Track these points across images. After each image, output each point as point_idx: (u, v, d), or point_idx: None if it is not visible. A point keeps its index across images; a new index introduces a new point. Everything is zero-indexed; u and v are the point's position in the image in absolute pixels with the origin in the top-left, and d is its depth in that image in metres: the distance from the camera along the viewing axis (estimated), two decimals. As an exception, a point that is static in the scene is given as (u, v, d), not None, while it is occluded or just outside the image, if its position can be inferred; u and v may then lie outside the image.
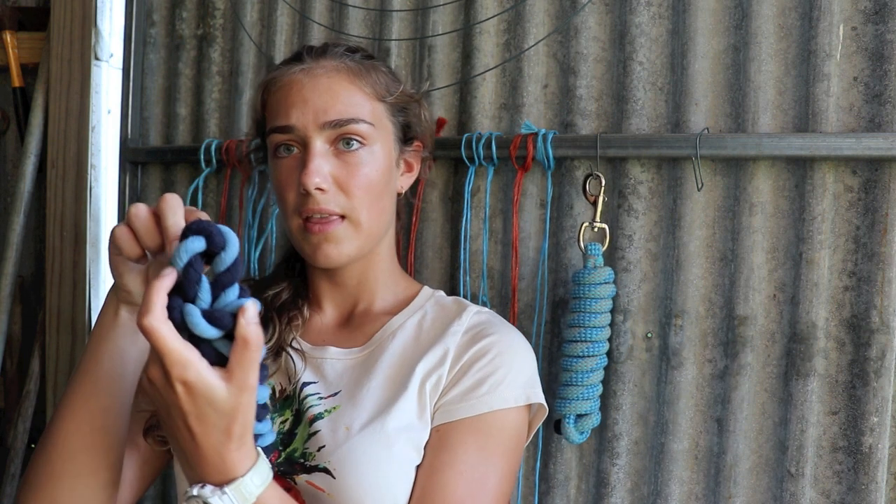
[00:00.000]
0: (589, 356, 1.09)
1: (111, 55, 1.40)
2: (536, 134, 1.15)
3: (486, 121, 1.25)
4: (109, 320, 0.83)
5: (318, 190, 0.95)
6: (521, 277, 1.21)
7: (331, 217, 0.97)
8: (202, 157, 1.40)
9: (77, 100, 1.42)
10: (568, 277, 1.19)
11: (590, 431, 1.13)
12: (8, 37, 1.55)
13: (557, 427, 1.13)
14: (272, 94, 1.01)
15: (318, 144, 0.97)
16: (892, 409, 1.03)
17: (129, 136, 1.51)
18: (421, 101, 1.09)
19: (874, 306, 1.03)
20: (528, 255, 1.21)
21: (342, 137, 0.97)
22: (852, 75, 1.05)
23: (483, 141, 1.19)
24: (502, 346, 0.97)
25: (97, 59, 1.39)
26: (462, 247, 1.23)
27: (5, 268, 1.52)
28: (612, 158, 1.16)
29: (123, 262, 0.79)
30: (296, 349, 1.01)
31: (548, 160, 1.15)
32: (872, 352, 1.03)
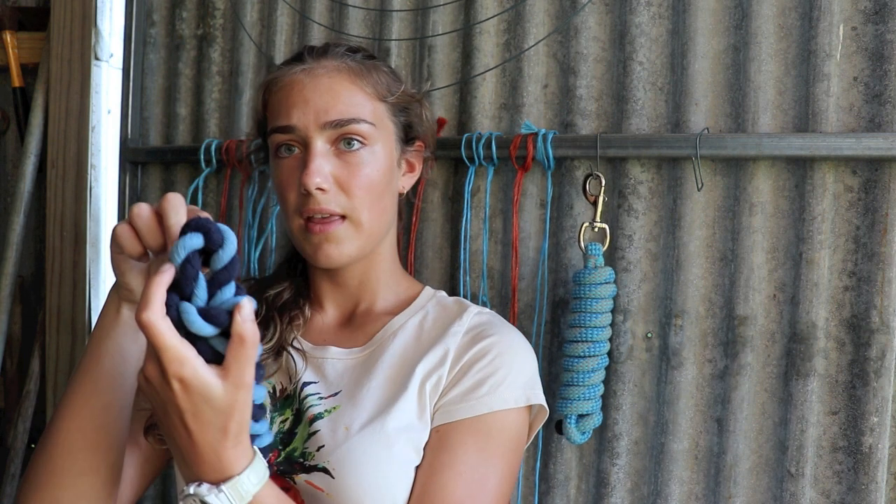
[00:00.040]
0: (590, 356, 1.09)
1: (111, 55, 1.40)
2: (536, 134, 1.16)
3: (486, 121, 1.25)
4: (111, 318, 0.83)
5: (319, 190, 0.95)
6: (521, 277, 1.21)
7: (332, 217, 0.97)
8: (202, 157, 1.40)
9: (77, 100, 1.41)
10: (568, 277, 1.19)
11: (591, 432, 1.13)
12: (8, 37, 1.55)
13: (559, 427, 1.13)
14: (273, 95, 1.01)
15: (319, 144, 0.97)
16: (892, 409, 1.03)
17: (129, 136, 1.51)
18: (422, 100, 1.09)
19: (874, 306, 1.03)
20: (528, 255, 1.21)
21: (343, 137, 0.97)
22: (852, 75, 1.05)
23: (483, 141, 1.19)
24: (503, 346, 0.97)
25: (97, 59, 1.38)
26: (462, 247, 1.23)
27: (5, 268, 1.52)
28: (612, 158, 1.16)
29: (125, 260, 0.79)
30: (297, 349, 1.01)
31: (548, 160, 1.16)
32: (872, 352, 1.03)
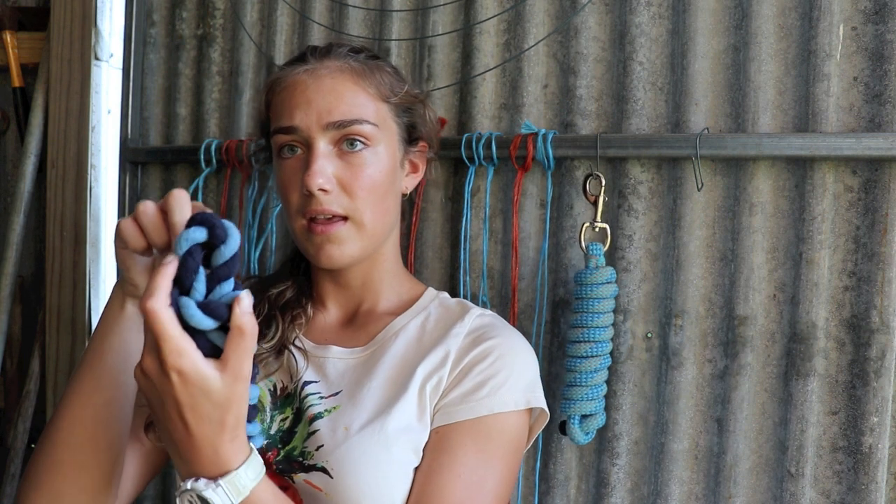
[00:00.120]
0: (593, 356, 1.09)
1: (111, 55, 1.40)
2: (536, 134, 1.16)
3: (486, 121, 1.25)
4: (115, 313, 0.83)
5: (322, 191, 0.95)
6: (521, 277, 1.21)
7: (334, 218, 0.97)
8: (202, 157, 1.40)
9: (77, 100, 1.41)
10: (568, 277, 1.19)
11: (595, 432, 1.13)
12: (8, 37, 1.55)
13: (562, 428, 1.13)
14: (276, 95, 1.01)
15: (321, 145, 0.97)
16: (892, 409, 1.03)
17: (129, 136, 1.51)
18: (426, 101, 1.09)
19: (874, 306, 1.04)
20: (528, 255, 1.21)
21: (346, 138, 0.97)
22: (852, 75, 1.05)
23: (483, 141, 1.19)
24: (504, 349, 0.97)
25: (97, 59, 1.38)
26: (462, 247, 1.23)
27: (5, 268, 1.52)
28: (612, 158, 1.16)
29: (130, 255, 0.80)
30: (298, 347, 1.01)
31: (548, 160, 1.16)
32: (872, 352, 1.03)
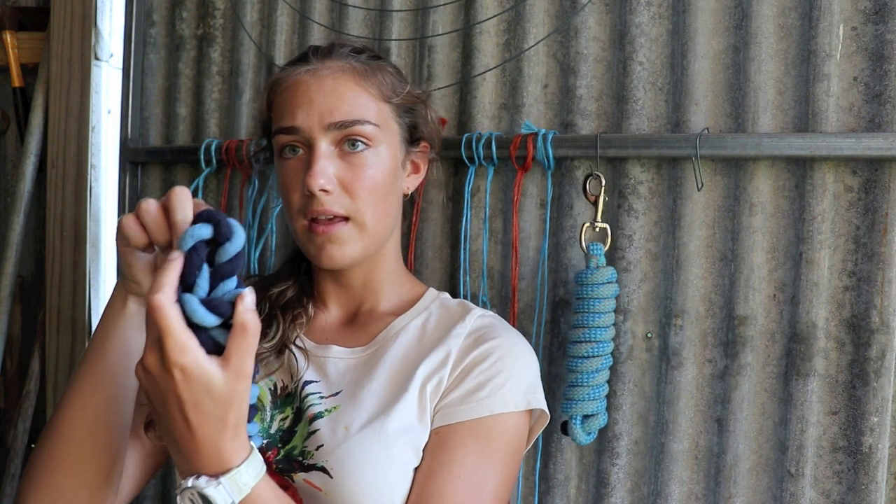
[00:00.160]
0: (594, 356, 1.09)
1: (111, 55, 1.40)
2: (536, 134, 1.16)
3: (486, 121, 1.25)
4: (117, 311, 0.83)
5: (323, 191, 0.95)
6: (521, 277, 1.21)
7: (335, 219, 0.97)
8: (202, 157, 1.40)
9: (77, 100, 1.41)
10: (568, 277, 1.19)
11: (596, 432, 1.13)
12: (8, 37, 1.55)
13: (564, 428, 1.13)
14: (278, 95, 1.01)
15: (323, 146, 0.97)
16: (892, 409, 1.03)
17: (129, 136, 1.51)
18: (427, 101, 1.09)
19: (874, 306, 1.03)
20: (528, 255, 1.21)
21: (347, 139, 0.97)
22: (852, 75, 1.05)
23: (483, 141, 1.19)
24: (505, 350, 0.97)
25: (97, 59, 1.38)
26: (462, 247, 1.23)
27: (5, 268, 1.52)
28: (612, 158, 1.16)
29: (132, 252, 0.80)
30: (299, 347, 1.01)
31: (548, 160, 1.16)
32: (872, 352, 1.03)
